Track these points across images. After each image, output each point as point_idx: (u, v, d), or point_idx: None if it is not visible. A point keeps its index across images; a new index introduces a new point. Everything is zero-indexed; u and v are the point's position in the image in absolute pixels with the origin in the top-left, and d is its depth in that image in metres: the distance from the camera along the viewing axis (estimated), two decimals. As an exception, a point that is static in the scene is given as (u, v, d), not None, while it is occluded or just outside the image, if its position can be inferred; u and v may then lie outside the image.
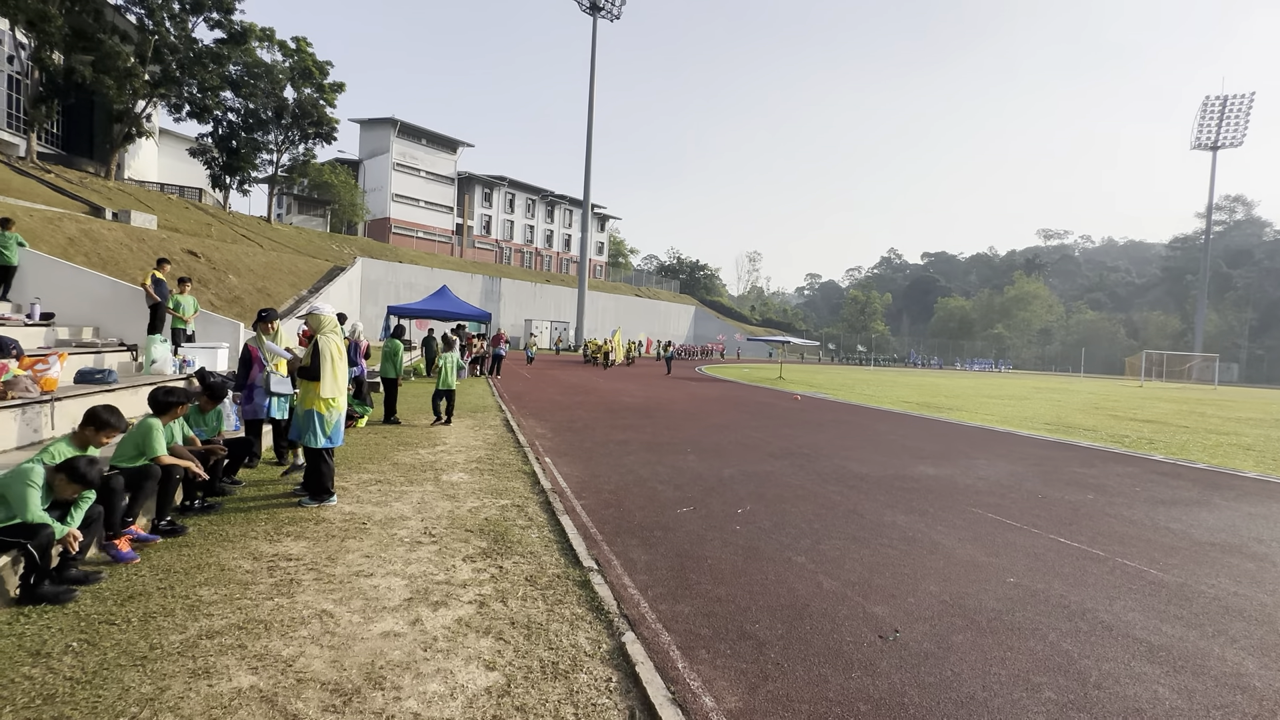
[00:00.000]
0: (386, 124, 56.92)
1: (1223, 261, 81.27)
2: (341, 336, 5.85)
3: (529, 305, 52.64)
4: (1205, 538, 5.84)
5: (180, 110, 30.77)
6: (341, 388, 5.64)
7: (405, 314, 22.69)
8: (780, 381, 27.95)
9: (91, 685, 2.66)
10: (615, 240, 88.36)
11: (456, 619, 3.47)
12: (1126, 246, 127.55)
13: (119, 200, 25.53)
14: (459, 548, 4.61)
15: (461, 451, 8.23)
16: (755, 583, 4.18)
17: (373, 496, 5.87)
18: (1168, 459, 10.46)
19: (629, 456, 8.52)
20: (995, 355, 79.22)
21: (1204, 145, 72.45)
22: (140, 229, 22.18)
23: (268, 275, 27.28)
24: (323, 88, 36.27)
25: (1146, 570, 4.83)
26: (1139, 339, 76.34)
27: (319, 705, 2.62)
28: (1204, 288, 71.87)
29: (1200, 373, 57.92)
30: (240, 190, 37.15)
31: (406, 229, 58.06)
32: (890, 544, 5.17)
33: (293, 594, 3.66)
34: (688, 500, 6.29)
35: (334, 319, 5.78)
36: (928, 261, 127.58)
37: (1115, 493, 7.64)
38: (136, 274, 18.23)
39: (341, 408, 5.68)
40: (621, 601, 3.78)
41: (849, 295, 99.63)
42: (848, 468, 8.41)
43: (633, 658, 3.08)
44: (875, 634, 3.50)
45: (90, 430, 3.89)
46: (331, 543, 4.57)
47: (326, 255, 37.91)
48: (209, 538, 4.53)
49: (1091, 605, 4.07)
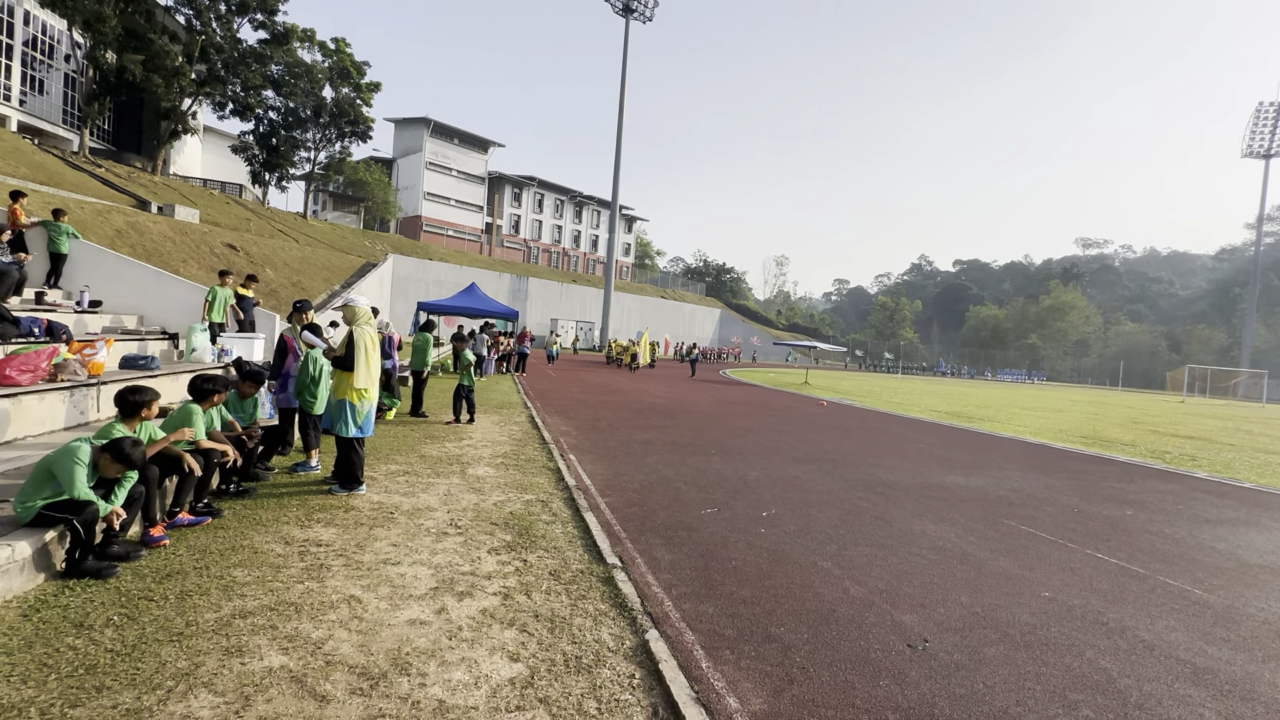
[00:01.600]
0: (420, 124, 57.90)
1: (1273, 274, 78.03)
2: (375, 329, 5.95)
3: (555, 305, 52.98)
4: (1254, 559, 5.60)
5: (224, 109, 31.72)
6: (374, 379, 5.75)
7: (435, 310, 23.00)
8: (806, 387, 27.64)
9: (131, 658, 2.73)
10: (642, 242, 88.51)
11: (481, 610, 3.49)
12: (1170, 257, 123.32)
13: (164, 195, 26.40)
14: (484, 540, 4.64)
15: (487, 446, 8.30)
16: (780, 586, 4.13)
17: (400, 487, 5.96)
18: (1212, 477, 10.08)
19: (652, 456, 8.50)
20: (1029, 366, 77.16)
21: (1256, 153, 69.66)
22: (183, 222, 22.90)
23: (302, 270, 27.95)
24: (360, 87, 37.04)
25: (1190, 590, 4.65)
26: (1181, 353, 73.56)
27: (346, 688, 2.65)
28: (1253, 300, 69.06)
29: (1247, 389, 55.62)
30: (279, 187, 38.15)
31: (437, 227, 58.94)
32: (919, 553, 5.06)
33: (322, 579, 3.73)
34: (712, 502, 6.25)
35: (368, 311, 5.88)
36: (959, 269, 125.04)
37: (1156, 509, 7.38)
38: (179, 266, 18.85)
39: (373, 399, 5.78)
40: (645, 599, 3.76)
41: (878, 301, 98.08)
42: (875, 475, 8.27)
43: (656, 655, 3.06)
44: (904, 642, 3.42)
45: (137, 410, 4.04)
46: (360, 530, 4.65)
47: (359, 251, 38.69)
48: (243, 521, 4.64)
49: (1131, 624, 3.92)
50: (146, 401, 4.21)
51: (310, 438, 6.50)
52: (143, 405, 4.18)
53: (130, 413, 4.13)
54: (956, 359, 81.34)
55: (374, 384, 5.77)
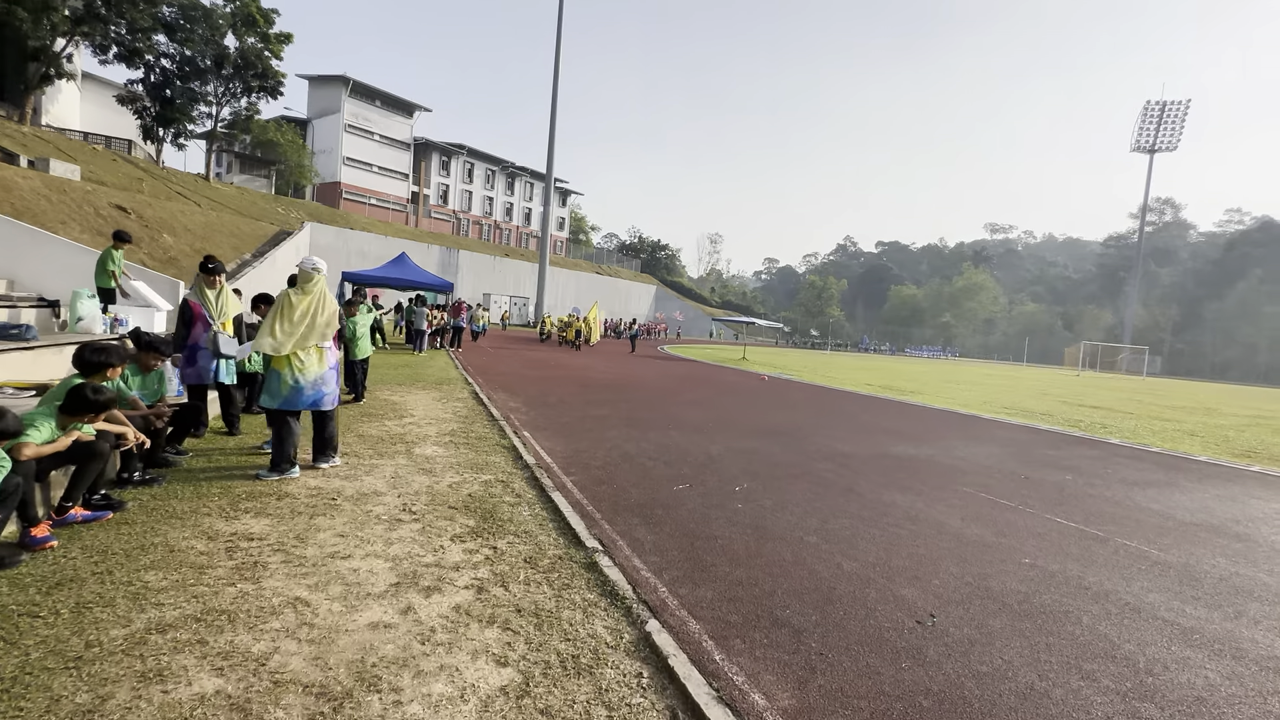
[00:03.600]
0: (338, 82, 53.78)
1: (1151, 260, 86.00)
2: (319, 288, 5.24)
3: (487, 278, 51.12)
4: (1187, 518, 5.91)
5: (106, 52, 28.08)
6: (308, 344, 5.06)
7: (362, 281, 21.49)
8: (744, 362, 28.00)
9: (10, 695, 2.14)
10: (576, 216, 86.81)
11: (454, 606, 3.06)
12: (1065, 243, 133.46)
13: (36, 148, 23.22)
14: (445, 526, 4.16)
15: (432, 424, 7.69)
16: (773, 564, 3.90)
17: (339, 471, 5.33)
18: (1125, 443, 10.79)
19: (610, 432, 8.15)
20: (944, 343, 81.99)
21: (1142, 148, 76.00)
22: (61, 179, 20.18)
23: (206, 236, 25.42)
24: (267, 38, 33.69)
25: (1147, 550, 4.80)
26: (1074, 331, 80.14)
27: (303, 713, 2.18)
28: (1135, 284, 75.98)
29: (1129, 364, 61.41)
30: (175, 145, 34.40)
31: (359, 195, 55.36)
32: (897, 523, 4.99)
33: (258, 579, 3.17)
34: (681, 477, 5.98)
35: (308, 273, 5.17)
36: (881, 250, 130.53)
37: (1090, 474, 7.74)
38: (57, 227, 16.59)
39: (311, 367, 5.09)
40: (636, 586, 3.43)
41: (807, 280, 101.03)
42: (832, 446, 8.28)
43: (662, 649, 2.74)
44: (911, 619, 3.27)
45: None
46: (298, 520, 4.06)
47: (271, 218, 35.68)
48: (153, 514, 3.94)
49: (1111, 587, 3.97)
50: (110, 362, 3.96)
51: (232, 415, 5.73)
52: (107, 365, 3.94)
53: (90, 371, 3.90)
54: (878, 336, 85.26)
55: (310, 350, 5.07)
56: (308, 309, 5.07)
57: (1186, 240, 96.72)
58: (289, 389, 5.00)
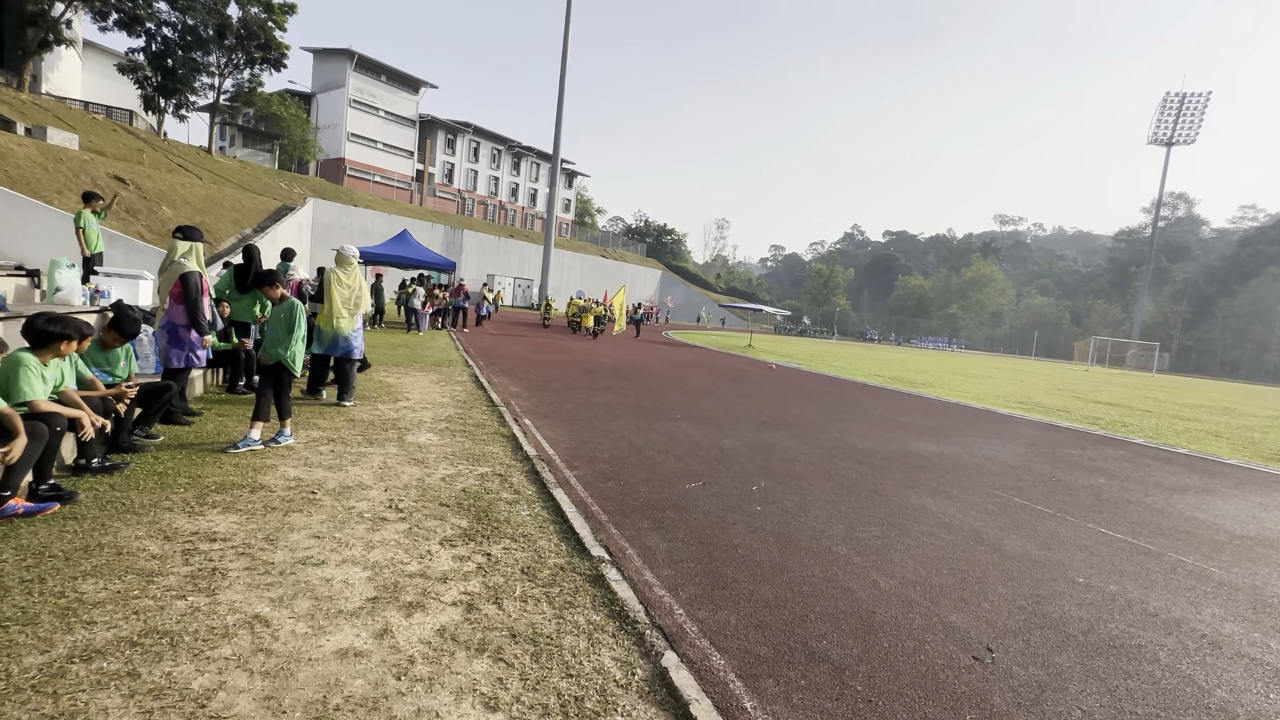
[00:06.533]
0: (343, 55, 52.76)
1: (1163, 256, 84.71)
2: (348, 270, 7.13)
3: (492, 260, 50.45)
4: (1238, 530, 5.47)
5: (106, 18, 27.38)
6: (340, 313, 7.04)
7: (365, 259, 21.00)
8: (751, 350, 27.50)
9: (-123, 749, 1.73)
10: (582, 199, 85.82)
11: (438, 629, 2.63)
12: (1075, 236, 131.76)
13: (34, 115, 22.67)
14: (434, 527, 3.74)
15: (428, 409, 7.26)
16: (802, 580, 3.47)
17: (324, 459, 4.91)
18: (1150, 443, 10.32)
19: (616, 421, 7.71)
20: (950, 334, 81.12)
21: (1160, 140, 74.43)
22: (58, 148, 19.66)
23: (207, 209, 24.90)
24: (271, 7, 32.81)
25: (1207, 569, 4.36)
26: (1082, 326, 79.17)
27: (243, 777, 1.76)
28: (1146, 280, 74.87)
29: (1138, 360, 60.62)
30: (177, 116, 33.79)
31: (363, 171, 54.57)
32: (930, 532, 4.55)
33: (214, 590, 2.75)
34: (693, 474, 5.54)
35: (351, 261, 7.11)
36: (889, 240, 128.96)
37: (1123, 477, 7.29)
38: (53, 196, 16.11)
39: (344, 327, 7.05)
40: (649, 606, 3.00)
41: (813, 269, 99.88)
42: (849, 441, 7.83)
43: (683, 692, 2.31)
44: (966, 653, 2.83)
45: None
46: (271, 517, 3.63)
47: (274, 193, 35.08)
48: (106, 508, 3.52)
49: (1180, 614, 3.53)
50: (66, 335, 3.65)
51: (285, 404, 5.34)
52: (60, 339, 3.63)
53: (41, 344, 3.58)
54: (884, 326, 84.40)
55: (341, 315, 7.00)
56: (353, 284, 7.05)
57: (1199, 236, 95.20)
58: (329, 340, 7.02)
